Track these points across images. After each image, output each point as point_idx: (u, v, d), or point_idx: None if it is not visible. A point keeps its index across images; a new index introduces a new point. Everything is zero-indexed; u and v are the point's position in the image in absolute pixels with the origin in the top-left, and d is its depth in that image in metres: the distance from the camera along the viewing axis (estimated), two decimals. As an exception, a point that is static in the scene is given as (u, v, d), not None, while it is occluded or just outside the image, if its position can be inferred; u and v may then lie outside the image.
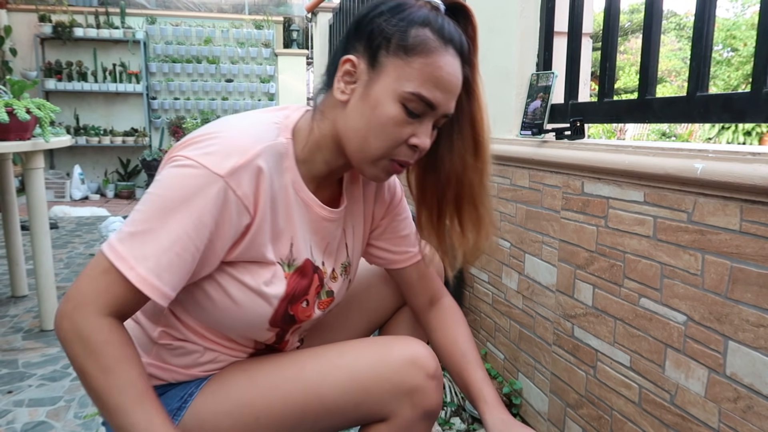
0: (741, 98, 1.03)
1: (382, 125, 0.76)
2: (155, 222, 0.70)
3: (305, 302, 0.89)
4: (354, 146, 0.79)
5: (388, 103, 0.76)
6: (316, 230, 0.88)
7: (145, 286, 0.70)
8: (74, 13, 6.12)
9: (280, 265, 0.83)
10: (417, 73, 0.75)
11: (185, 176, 0.71)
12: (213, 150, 0.73)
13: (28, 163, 2.20)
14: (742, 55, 11.39)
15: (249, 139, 0.76)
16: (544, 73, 1.63)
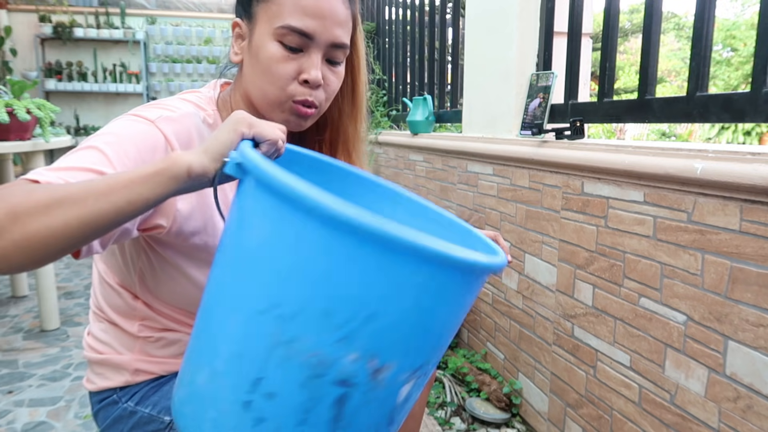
0: (741, 98, 1.03)
1: (267, 68, 0.78)
2: (78, 153, 0.65)
3: None
4: (257, 98, 0.81)
5: (267, 45, 0.78)
6: None
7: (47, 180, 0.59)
8: (74, 14, 6.12)
9: None
10: (281, 8, 0.77)
11: (115, 122, 0.71)
12: (145, 109, 0.74)
13: (28, 164, 2.20)
14: (742, 55, 11.39)
15: (179, 105, 0.78)
16: (544, 73, 1.63)
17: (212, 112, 0.82)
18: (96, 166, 0.63)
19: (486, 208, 1.81)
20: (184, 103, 0.80)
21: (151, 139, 0.70)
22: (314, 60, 0.78)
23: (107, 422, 0.88)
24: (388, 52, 3.38)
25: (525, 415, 1.61)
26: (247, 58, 0.81)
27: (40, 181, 0.58)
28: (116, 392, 0.88)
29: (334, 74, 0.82)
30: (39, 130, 2.12)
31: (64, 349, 2.09)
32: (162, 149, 0.71)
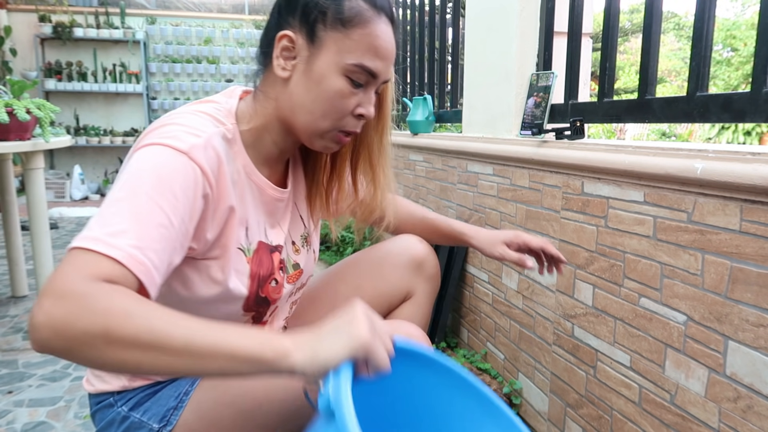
0: (741, 98, 1.03)
1: (329, 99, 0.77)
2: (123, 202, 0.63)
3: (273, 281, 0.88)
4: (302, 122, 0.79)
5: (333, 77, 0.76)
6: (269, 212, 0.88)
7: (132, 262, 0.59)
8: (74, 13, 6.12)
9: (242, 251, 0.83)
10: (357, 45, 0.75)
11: (149, 158, 0.68)
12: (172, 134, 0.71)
13: (28, 164, 2.20)
14: (742, 54, 11.39)
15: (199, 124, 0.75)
16: (544, 73, 1.63)
17: (231, 126, 0.80)
18: (161, 227, 0.63)
19: (486, 208, 1.81)
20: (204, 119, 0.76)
21: (191, 174, 0.69)
22: (371, 96, 0.80)
23: (102, 424, 0.89)
24: (388, 52, 3.37)
25: (525, 415, 1.61)
26: (299, 79, 0.78)
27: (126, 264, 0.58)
28: (113, 396, 0.88)
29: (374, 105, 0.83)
30: (39, 130, 2.12)
31: (64, 349, 2.09)
32: (201, 182, 0.71)
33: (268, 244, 0.88)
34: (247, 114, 0.83)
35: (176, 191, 0.66)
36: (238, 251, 0.82)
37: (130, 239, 0.60)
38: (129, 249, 0.59)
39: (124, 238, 0.60)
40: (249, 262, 0.84)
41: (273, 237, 0.89)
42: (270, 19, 0.82)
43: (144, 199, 0.63)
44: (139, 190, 0.64)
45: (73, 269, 0.56)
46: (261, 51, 0.83)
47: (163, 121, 0.75)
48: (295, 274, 0.95)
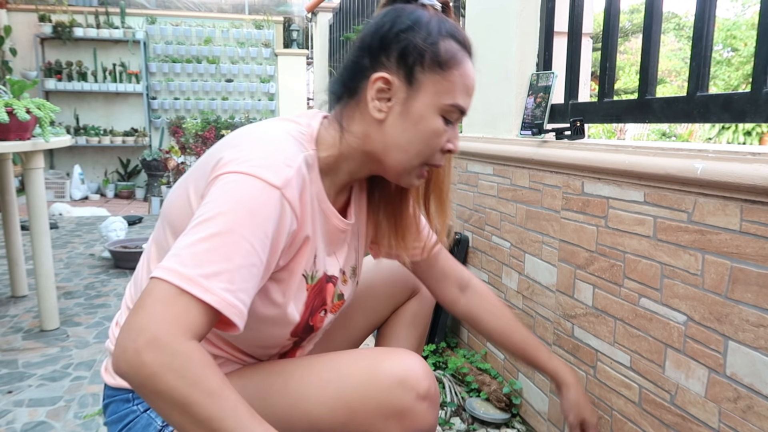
0: (741, 98, 1.03)
1: (426, 138, 0.80)
2: (218, 238, 0.65)
3: (323, 311, 0.90)
4: (395, 160, 0.81)
5: (431, 117, 0.79)
6: (331, 240, 0.89)
7: (225, 306, 0.64)
8: (74, 13, 6.12)
9: (305, 278, 0.84)
10: (453, 86, 0.79)
11: (241, 190, 0.69)
12: (260, 161, 0.71)
13: (28, 163, 2.20)
14: (742, 55, 11.39)
15: (291, 150, 0.76)
16: (544, 73, 1.63)
17: (312, 152, 0.80)
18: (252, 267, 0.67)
19: (486, 208, 1.81)
20: (293, 144, 0.77)
21: (283, 213, 0.72)
22: (456, 132, 0.84)
23: (113, 417, 0.89)
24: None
25: (525, 415, 1.61)
26: (396, 120, 0.79)
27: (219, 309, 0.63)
28: (132, 392, 0.87)
29: None
30: (39, 129, 2.12)
31: (64, 349, 2.09)
32: (289, 220, 0.73)
33: (328, 274, 0.89)
34: (326, 142, 0.83)
35: (268, 230, 0.69)
36: (302, 278, 0.84)
37: (223, 282, 0.64)
38: (223, 293, 0.64)
39: (218, 281, 0.64)
40: (308, 289, 0.85)
41: (330, 266, 0.90)
42: (356, 57, 0.82)
43: (238, 239, 0.66)
44: (235, 228, 0.66)
45: (170, 315, 0.62)
46: (344, 85, 0.84)
47: (254, 137, 0.76)
48: (338, 304, 0.95)
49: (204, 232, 0.66)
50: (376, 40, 0.79)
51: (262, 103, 6.61)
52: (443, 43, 0.78)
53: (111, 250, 3.19)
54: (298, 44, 6.88)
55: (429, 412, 0.82)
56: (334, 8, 4.68)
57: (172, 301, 0.62)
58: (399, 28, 0.78)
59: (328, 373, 0.84)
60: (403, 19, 0.79)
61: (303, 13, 7.12)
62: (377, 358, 0.84)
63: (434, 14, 0.80)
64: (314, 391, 0.83)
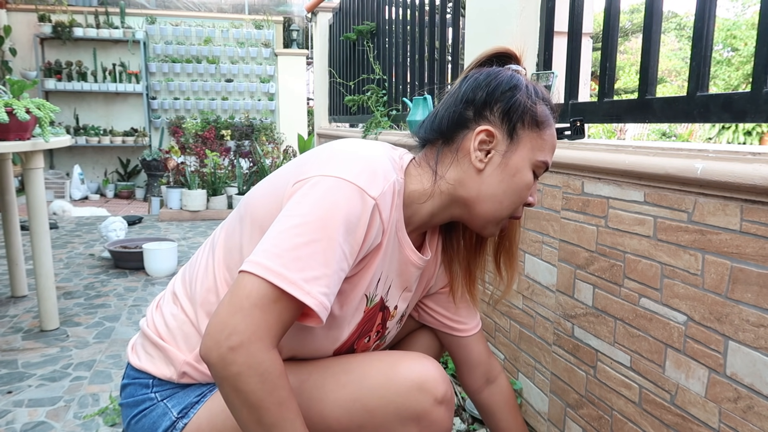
0: (741, 98, 1.03)
1: (519, 191, 0.85)
2: (318, 244, 0.69)
3: (368, 338, 0.91)
4: (487, 209, 0.85)
5: (526, 171, 0.84)
6: (401, 272, 0.90)
7: (322, 309, 0.69)
8: (74, 13, 6.12)
9: (366, 298, 0.86)
10: (545, 144, 0.86)
11: (341, 196, 0.72)
12: (361, 170, 0.75)
13: (27, 163, 2.20)
14: (743, 54, 11.38)
15: (388, 167, 0.80)
16: (544, 73, 1.63)
17: (401, 179, 0.83)
18: (342, 272, 0.72)
19: (486, 208, 1.81)
20: (390, 165, 0.81)
21: (374, 224, 0.75)
22: (536, 186, 0.90)
23: (129, 400, 0.89)
24: (388, 52, 3.37)
25: (525, 416, 1.61)
26: (494, 171, 0.84)
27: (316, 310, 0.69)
28: (153, 379, 0.88)
29: None
30: (38, 129, 2.12)
31: (64, 349, 2.09)
32: (378, 232, 0.77)
33: (383, 302, 0.90)
34: (415, 177, 0.87)
35: (359, 239, 0.74)
36: (363, 297, 0.85)
37: (322, 287, 0.69)
38: (320, 297, 0.69)
39: (318, 285, 0.69)
40: (365, 311, 0.87)
41: (392, 298, 0.92)
42: (459, 109, 0.86)
43: (335, 246, 0.70)
44: (333, 234, 0.70)
45: (266, 323, 0.67)
46: (441, 132, 0.87)
47: (353, 147, 0.80)
48: (380, 344, 0.97)
49: (304, 236, 0.69)
50: (480, 95, 0.84)
51: (262, 103, 6.61)
52: (540, 105, 0.85)
53: (111, 250, 3.19)
54: (298, 44, 6.88)
55: (446, 416, 0.84)
56: (334, 8, 4.68)
57: (271, 306, 0.67)
58: (503, 87, 0.84)
59: (346, 376, 0.85)
60: (504, 79, 0.85)
61: (303, 13, 7.13)
62: (395, 362, 0.85)
63: (527, 80, 0.87)
64: (331, 393, 0.83)
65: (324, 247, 0.69)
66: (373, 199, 0.74)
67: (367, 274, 0.83)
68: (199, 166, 5.01)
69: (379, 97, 3.41)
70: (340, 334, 0.86)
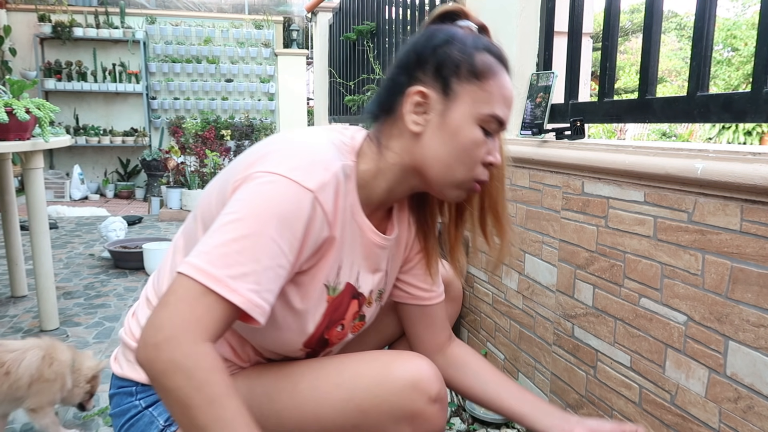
0: (741, 98, 1.03)
1: (465, 149, 0.79)
2: (248, 240, 0.67)
3: (340, 326, 0.89)
4: (437, 173, 0.81)
5: (469, 127, 0.78)
6: (367, 255, 0.88)
7: (250, 306, 0.67)
8: (74, 13, 6.11)
9: (327, 288, 0.83)
10: (490, 96, 0.79)
11: (274, 191, 0.70)
12: (297, 164, 0.73)
13: (27, 163, 2.20)
14: (743, 54, 11.38)
15: (328, 154, 0.76)
16: (544, 73, 1.63)
17: (351, 163, 0.81)
18: (279, 268, 0.69)
19: (486, 208, 1.81)
20: (332, 151, 0.78)
21: (316, 217, 0.73)
22: (498, 144, 0.83)
23: (117, 410, 0.89)
24: (388, 52, 3.37)
25: (525, 416, 1.61)
26: (434, 132, 0.79)
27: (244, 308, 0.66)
28: (136, 386, 0.88)
29: None
30: (38, 129, 2.12)
31: (64, 349, 2.08)
32: (321, 224, 0.74)
33: (355, 289, 0.88)
34: (367, 156, 0.84)
35: (297, 233, 0.71)
36: (324, 288, 0.83)
37: (250, 283, 0.66)
38: (248, 294, 0.66)
39: (245, 282, 0.66)
40: (329, 301, 0.84)
41: (363, 283, 0.89)
42: (393, 75, 0.84)
43: (267, 241, 0.68)
44: (265, 230, 0.68)
45: (192, 316, 0.65)
46: (380, 103, 0.85)
47: (293, 140, 0.77)
48: (359, 324, 0.94)
49: (234, 232, 0.67)
50: (412, 56, 0.81)
51: (262, 103, 6.60)
52: (479, 55, 0.79)
53: (111, 250, 3.19)
54: (298, 44, 6.88)
55: (439, 415, 0.83)
56: (334, 8, 4.68)
57: (196, 301, 0.65)
58: (434, 43, 0.80)
59: (339, 376, 0.84)
60: (438, 35, 0.80)
61: (303, 13, 7.12)
62: (388, 361, 0.84)
63: (470, 32, 0.82)
64: (325, 393, 0.83)
65: (254, 243, 0.67)
66: (311, 192, 0.71)
67: (323, 265, 0.81)
68: (199, 166, 5.00)
69: (379, 97, 3.40)
70: (305, 326, 0.83)
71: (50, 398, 1.40)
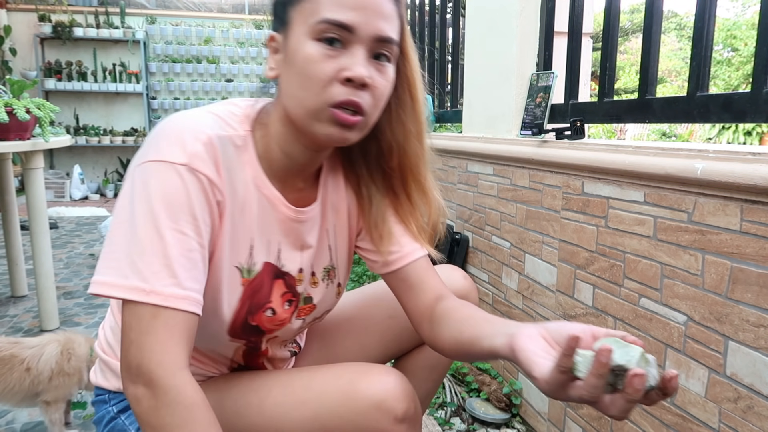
0: (741, 98, 1.03)
1: (304, 70, 0.69)
2: (148, 240, 0.64)
3: (269, 311, 0.82)
4: (295, 112, 0.73)
5: (304, 45, 0.69)
6: (287, 231, 0.81)
7: (175, 301, 0.64)
8: (74, 13, 6.12)
9: (239, 270, 0.78)
10: (320, 4, 0.69)
11: (154, 181, 0.66)
12: (164, 144, 0.69)
13: (27, 163, 2.20)
14: (743, 54, 11.38)
15: (200, 125, 0.72)
16: (544, 73, 1.63)
17: (243, 132, 0.76)
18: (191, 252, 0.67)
19: (486, 208, 1.81)
20: (210, 120, 0.74)
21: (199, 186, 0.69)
22: (357, 56, 0.69)
23: (96, 417, 0.90)
24: (388, 51, 3.37)
25: (525, 416, 1.61)
26: (285, 70, 0.73)
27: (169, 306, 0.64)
28: (108, 393, 0.88)
29: (381, 75, 0.73)
30: (38, 129, 2.12)
31: (64, 349, 2.09)
32: (210, 191, 0.70)
33: (276, 268, 0.82)
34: (261, 123, 0.79)
35: (194, 210, 0.67)
36: (235, 270, 0.77)
37: (164, 279, 0.64)
38: (167, 289, 0.64)
39: (160, 280, 0.64)
40: (244, 284, 0.78)
41: (287, 261, 0.83)
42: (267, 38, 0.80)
43: (165, 232, 0.65)
44: (159, 223, 0.65)
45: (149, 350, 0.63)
46: None
47: (165, 124, 0.72)
48: (307, 308, 0.88)
49: (132, 234, 0.65)
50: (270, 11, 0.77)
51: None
52: None
53: (111, 250, 3.19)
54: (298, 44, 6.88)
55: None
56: (334, 8, 4.68)
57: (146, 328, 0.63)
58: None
59: (306, 393, 0.80)
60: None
61: (303, 13, 7.12)
62: (353, 378, 0.79)
63: None
64: (291, 411, 0.79)
65: (153, 239, 0.64)
66: (183, 165, 0.67)
67: (223, 244, 0.74)
68: (199, 166, 5.00)
69: (379, 97, 3.40)
70: (221, 314, 0.78)
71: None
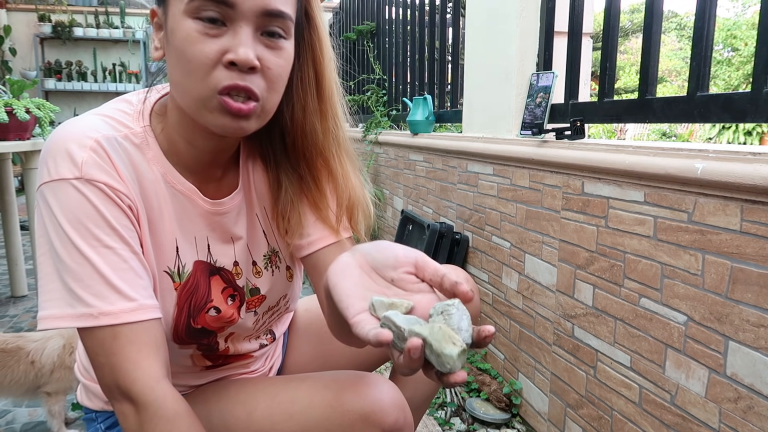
0: (741, 98, 1.03)
1: (185, 53, 0.62)
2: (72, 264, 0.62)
3: (212, 310, 0.78)
4: (182, 100, 0.66)
5: (181, 24, 0.62)
6: (212, 226, 0.77)
7: (128, 315, 0.63)
8: (74, 13, 6.12)
9: (169, 275, 0.74)
10: None
11: (51, 203, 0.63)
12: (53, 163, 0.64)
13: (27, 163, 2.20)
14: (743, 54, 11.39)
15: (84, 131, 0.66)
16: (544, 73, 1.63)
17: (140, 129, 0.71)
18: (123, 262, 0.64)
19: (486, 208, 1.81)
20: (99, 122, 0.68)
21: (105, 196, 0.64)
22: (241, 35, 0.62)
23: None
24: (388, 52, 3.38)
25: (525, 416, 1.61)
26: (168, 52, 0.66)
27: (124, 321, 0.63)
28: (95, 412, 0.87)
29: (275, 54, 0.65)
30: (38, 129, 2.12)
31: (64, 349, 2.08)
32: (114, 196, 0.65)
33: (209, 265, 0.78)
34: (158, 113, 0.73)
35: (108, 220, 0.64)
36: (164, 275, 0.73)
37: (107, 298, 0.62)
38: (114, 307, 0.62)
39: (103, 300, 0.62)
40: (177, 288, 0.74)
41: (219, 256, 0.79)
42: None
43: (89, 252, 0.62)
44: (78, 245, 0.62)
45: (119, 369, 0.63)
46: None
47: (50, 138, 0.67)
48: (255, 299, 0.83)
49: (56, 264, 0.62)
50: None
51: (262, 102, 6.61)
52: None
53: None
54: (298, 44, 6.88)
55: None
56: (334, 8, 4.68)
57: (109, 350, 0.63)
58: None
59: (293, 405, 0.77)
60: None
61: (303, 13, 7.12)
62: (341, 389, 0.76)
63: None
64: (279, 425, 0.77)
65: (81, 264, 0.62)
66: (77, 179, 0.63)
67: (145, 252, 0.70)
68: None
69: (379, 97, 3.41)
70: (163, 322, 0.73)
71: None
